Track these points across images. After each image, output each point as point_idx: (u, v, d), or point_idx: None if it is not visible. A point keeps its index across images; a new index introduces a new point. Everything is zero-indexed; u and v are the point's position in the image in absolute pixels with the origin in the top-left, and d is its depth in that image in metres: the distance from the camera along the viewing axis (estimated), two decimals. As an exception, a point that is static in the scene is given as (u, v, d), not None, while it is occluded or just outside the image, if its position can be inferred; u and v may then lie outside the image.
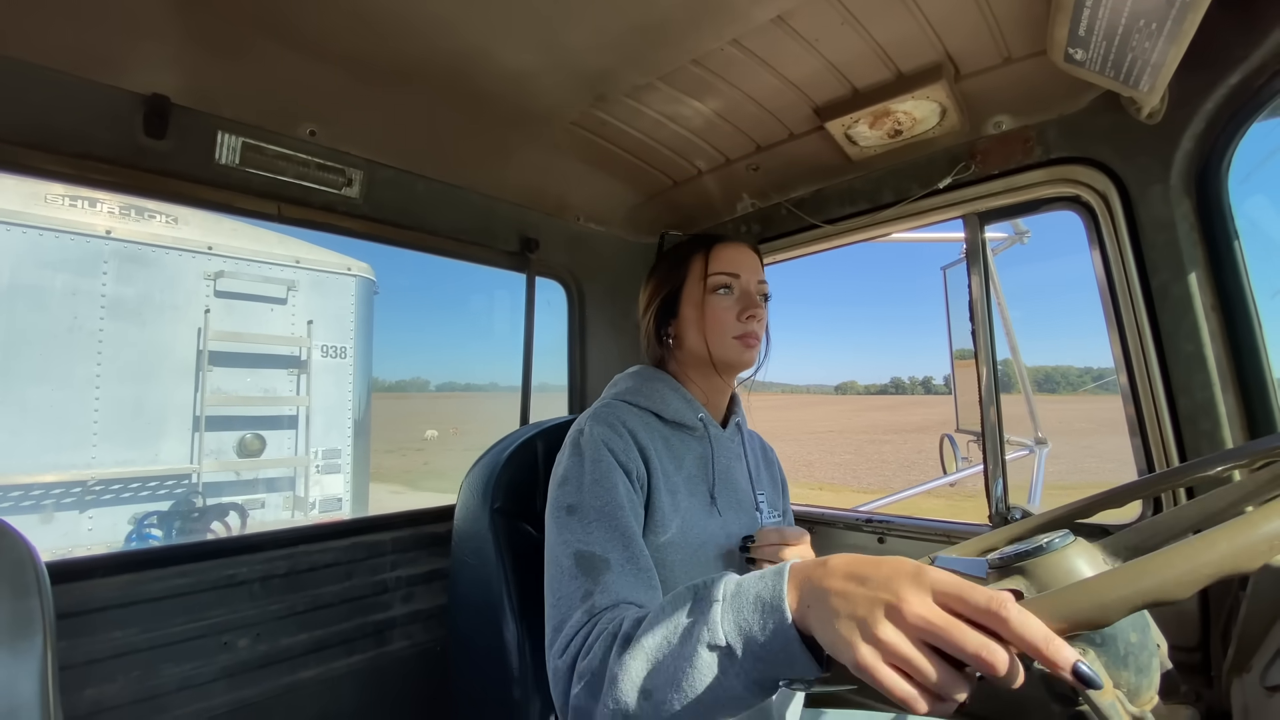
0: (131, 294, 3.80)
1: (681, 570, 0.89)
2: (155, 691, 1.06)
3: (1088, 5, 0.84)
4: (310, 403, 4.51)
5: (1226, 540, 0.42)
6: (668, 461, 0.94)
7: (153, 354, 3.87)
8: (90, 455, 3.63)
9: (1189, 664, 1.05)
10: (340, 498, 4.66)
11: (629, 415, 0.94)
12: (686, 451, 0.98)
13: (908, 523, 1.51)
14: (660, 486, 0.90)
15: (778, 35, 1.06)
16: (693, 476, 0.96)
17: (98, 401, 3.66)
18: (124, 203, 3.82)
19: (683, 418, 0.98)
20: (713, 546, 0.93)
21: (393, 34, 1.02)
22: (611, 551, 0.77)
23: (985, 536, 0.91)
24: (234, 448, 4.19)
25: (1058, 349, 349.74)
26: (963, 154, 1.31)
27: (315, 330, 4.57)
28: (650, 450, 0.91)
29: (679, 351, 1.05)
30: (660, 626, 0.60)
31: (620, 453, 0.87)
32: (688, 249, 1.06)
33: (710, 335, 0.99)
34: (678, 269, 1.05)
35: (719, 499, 0.97)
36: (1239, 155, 1.03)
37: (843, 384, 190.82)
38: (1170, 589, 0.41)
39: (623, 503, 0.82)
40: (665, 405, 0.98)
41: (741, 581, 0.59)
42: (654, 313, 1.05)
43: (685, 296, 1.03)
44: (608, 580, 0.74)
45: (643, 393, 0.99)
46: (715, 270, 1.01)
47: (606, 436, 0.88)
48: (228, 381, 4.17)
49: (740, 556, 0.96)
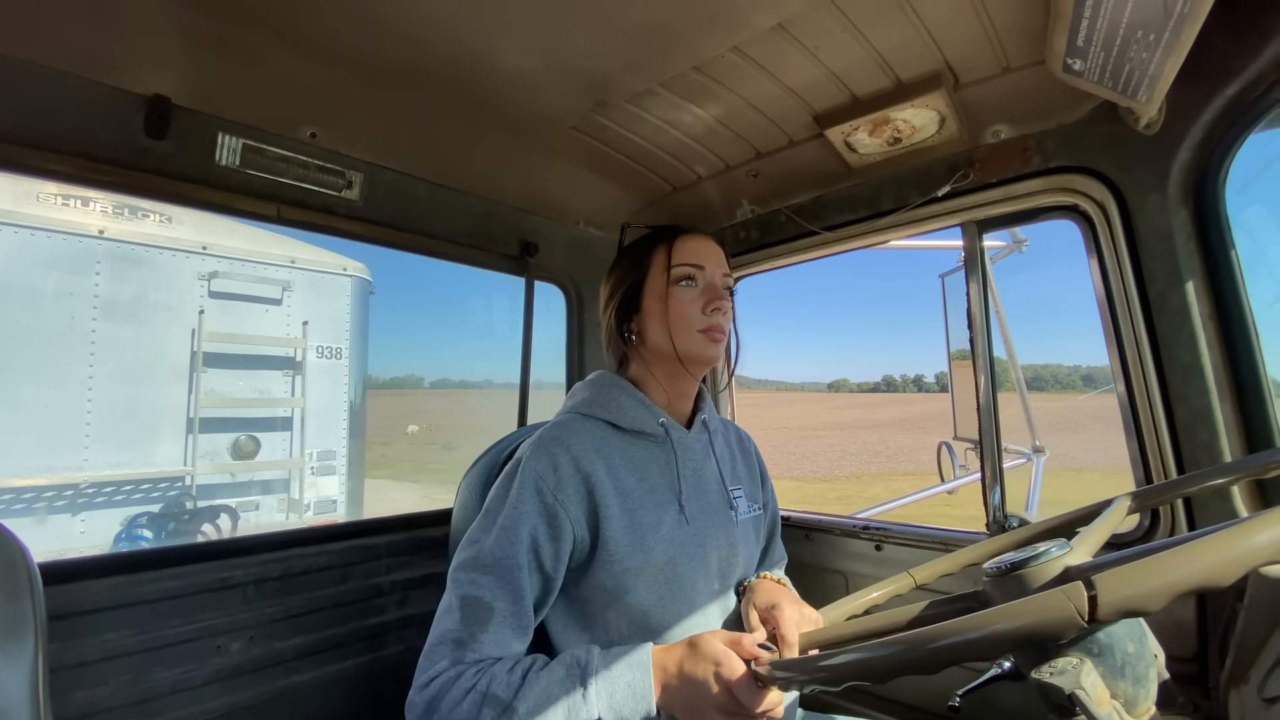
0: (125, 294, 3.79)
1: (647, 591, 0.86)
2: (147, 695, 1.05)
3: (1086, 16, 0.85)
4: (305, 404, 4.48)
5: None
6: (627, 477, 0.90)
7: (146, 355, 3.86)
8: (83, 457, 3.61)
9: (1186, 674, 1.04)
10: (335, 499, 4.61)
11: (580, 434, 0.90)
12: (650, 461, 0.94)
13: (904, 530, 1.51)
14: (613, 511, 0.86)
15: (778, 43, 1.07)
16: (658, 487, 0.93)
17: (90, 403, 3.64)
18: (117, 202, 3.81)
19: (642, 425, 0.94)
20: (683, 560, 0.89)
21: (394, 37, 1.03)
22: (497, 599, 0.79)
23: (983, 544, 0.91)
24: (228, 450, 4.17)
25: (1048, 350, 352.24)
26: (961, 162, 1.32)
27: (310, 331, 4.54)
28: (598, 474, 0.87)
29: (642, 348, 1.00)
30: (535, 698, 0.70)
31: (549, 492, 0.84)
32: (650, 241, 1.01)
33: (674, 328, 0.94)
34: (640, 262, 1.00)
35: (688, 507, 0.93)
36: (1236, 166, 1.03)
37: (835, 381, 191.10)
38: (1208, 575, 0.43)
39: (522, 561, 0.81)
40: (623, 414, 0.94)
41: (611, 667, 0.73)
42: (615, 307, 1.00)
43: (648, 289, 0.98)
44: (484, 632, 0.77)
45: (599, 402, 0.96)
46: (679, 261, 0.96)
47: (541, 474, 0.85)
48: (222, 383, 4.14)
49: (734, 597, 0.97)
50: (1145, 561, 0.45)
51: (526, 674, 0.73)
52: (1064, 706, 0.51)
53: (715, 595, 0.93)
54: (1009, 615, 0.48)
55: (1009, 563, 0.63)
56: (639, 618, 0.87)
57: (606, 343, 1.04)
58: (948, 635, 0.49)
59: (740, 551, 0.99)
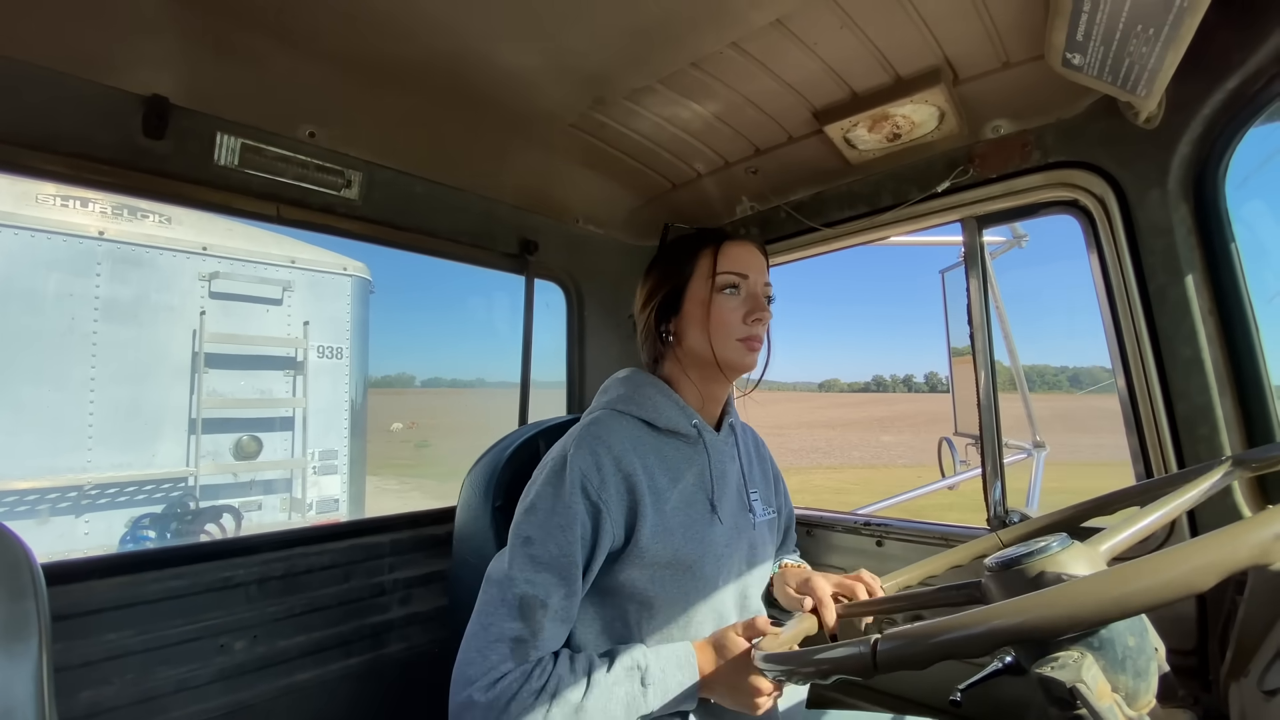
0: (125, 295, 3.79)
1: (674, 587, 0.88)
2: (151, 694, 1.06)
3: (1085, 10, 0.84)
4: (306, 404, 4.49)
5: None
6: (661, 477, 0.92)
7: (147, 356, 3.86)
8: (86, 459, 3.61)
9: (1186, 668, 1.05)
10: (337, 499, 4.63)
11: (618, 432, 0.91)
12: (682, 461, 0.95)
13: (906, 526, 1.51)
14: (648, 511, 0.87)
15: (777, 38, 1.06)
16: (690, 487, 0.94)
17: (93, 404, 3.64)
18: (116, 203, 3.81)
19: (676, 425, 0.96)
20: (710, 559, 0.91)
21: (392, 36, 1.02)
22: (552, 596, 0.81)
23: (983, 540, 0.91)
24: (230, 450, 4.18)
25: (1038, 350, 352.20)
26: (961, 158, 1.31)
27: (311, 331, 4.54)
28: (638, 474, 0.88)
29: (678, 349, 1.01)
30: (600, 697, 0.79)
31: (594, 490, 0.85)
32: (695, 244, 1.01)
33: (715, 335, 0.96)
34: (683, 264, 1.00)
35: (720, 507, 0.95)
36: (1236, 160, 1.03)
37: (826, 381, 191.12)
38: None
39: (575, 557, 0.83)
40: (658, 413, 0.95)
41: (665, 668, 0.83)
42: (655, 308, 1.01)
43: (690, 293, 0.99)
44: (543, 630, 0.81)
45: (635, 400, 0.97)
46: (724, 269, 0.97)
47: (586, 472, 0.86)
48: (224, 383, 4.15)
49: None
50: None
51: (589, 674, 0.80)
52: (1065, 700, 0.51)
53: (734, 594, 0.96)
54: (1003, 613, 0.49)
55: (1011, 558, 0.64)
56: (661, 612, 0.89)
57: (642, 341, 1.05)
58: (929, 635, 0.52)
59: (760, 553, 1.02)
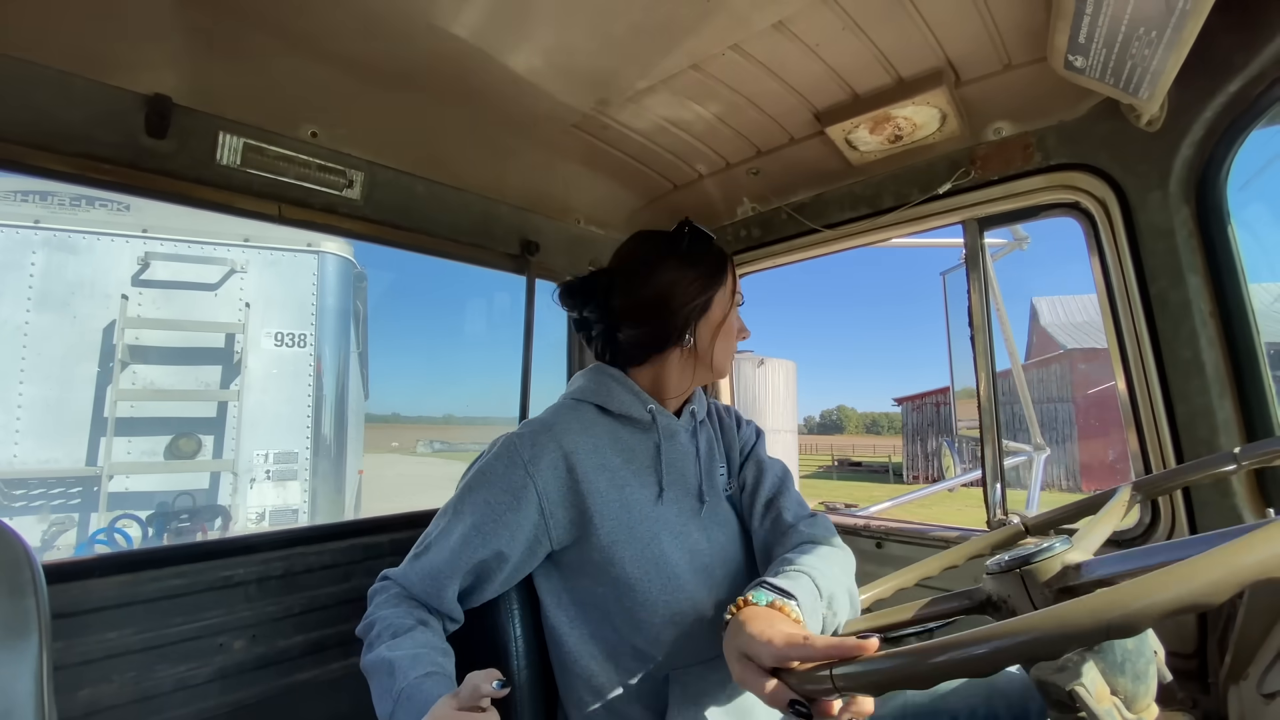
0: (60, 285, 3.56)
1: (634, 566, 0.89)
2: (150, 692, 1.06)
3: (1088, 13, 0.84)
4: (242, 398, 3.85)
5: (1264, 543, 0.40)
6: (612, 456, 0.95)
7: (77, 347, 3.57)
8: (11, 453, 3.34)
9: (1186, 671, 1.05)
10: (295, 508, 3.97)
11: (566, 416, 0.96)
12: (637, 444, 0.99)
13: (906, 528, 1.51)
14: (598, 487, 0.91)
15: (779, 40, 1.06)
16: (643, 468, 0.98)
17: (20, 398, 3.42)
18: (42, 187, 3.54)
19: (629, 410, 0.99)
20: (667, 537, 0.93)
21: (395, 36, 1.03)
22: (445, 549, 0.88)
23: (982, 538, 0.91)
24: (163, 450, 3.72)
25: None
26: (963, 160, 1.31)
27: (265, 315, 4.00)
28: (582, 451, 0.92)
29: (684, 349, 1.02)
30: (387, 659, 0.83)
31: (522, 465, 0.89)
32: (723, 259, 1.04)
33: (724, 346, 1.03)
34: (719, 273, 1.02)
35: (668, 490, 0.98)
36: (1238, 162, 1.03)
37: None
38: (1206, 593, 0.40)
39: (486, 532, 0.88)
40: (611, 399, 0.99)
41: (412, 698, 0.79)
42: (698, 308, 1.00)
43: (716, 301, 1.02)
44: (425, 563, 0.89)
45: (589, 389, 1.01)
46: (735, 287, 1.06)
47: (517, 444, 0.90)
48: (149, 375, 3.70)
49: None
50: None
51: (410, 634, 0.84)
52: (1064, 703, 0.51)
53: (701, 576, 0.94)
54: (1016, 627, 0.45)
55: (1011, 559, 0.63)
56: (628, 594, 0.89)
57: (669, 335, 1.02)
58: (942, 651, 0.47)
59: (723, 532, 1.00)
